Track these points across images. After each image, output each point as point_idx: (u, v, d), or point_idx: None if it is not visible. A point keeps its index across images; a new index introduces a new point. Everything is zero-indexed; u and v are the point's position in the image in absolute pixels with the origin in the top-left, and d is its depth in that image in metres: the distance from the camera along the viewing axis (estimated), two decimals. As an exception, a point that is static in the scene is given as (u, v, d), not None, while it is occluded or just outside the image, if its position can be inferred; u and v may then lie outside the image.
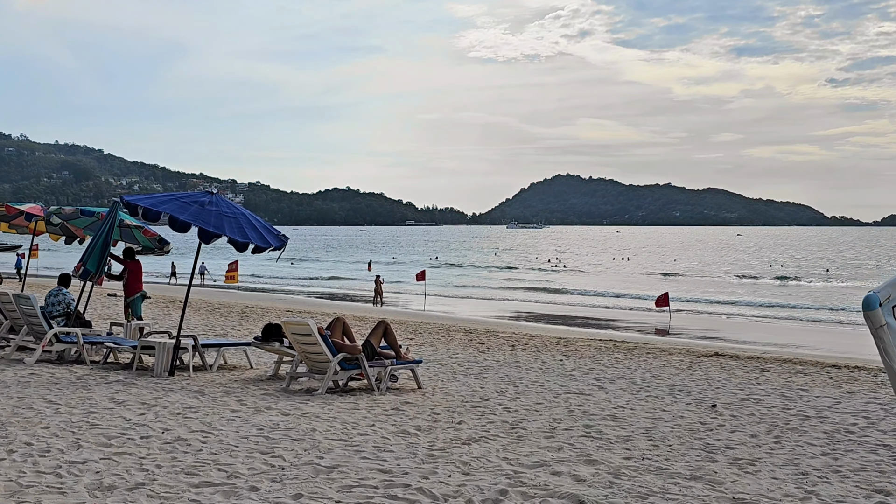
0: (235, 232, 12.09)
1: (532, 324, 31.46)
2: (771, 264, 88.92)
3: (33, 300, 13.53)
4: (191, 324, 23.01)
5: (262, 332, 13.27)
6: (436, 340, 21.18)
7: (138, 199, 12.36)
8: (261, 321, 25.25)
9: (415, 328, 25.36)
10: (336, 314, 29.79)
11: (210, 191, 12.81)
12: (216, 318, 25.97)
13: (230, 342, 14.54)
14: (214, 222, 12.06)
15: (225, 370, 14.00)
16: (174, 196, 12.65)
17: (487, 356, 17.53)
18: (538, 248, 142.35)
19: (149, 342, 13.13)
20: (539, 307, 41.78)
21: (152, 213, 11.99)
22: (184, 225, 11.82)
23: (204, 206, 12.31)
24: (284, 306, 34.70)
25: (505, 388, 12.72)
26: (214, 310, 29.39)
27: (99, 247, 14.19)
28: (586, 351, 19.24)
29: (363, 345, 12.29)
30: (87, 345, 13.77)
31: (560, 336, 23.85)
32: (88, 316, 19.10)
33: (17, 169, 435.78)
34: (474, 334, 23.44)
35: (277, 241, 12.70)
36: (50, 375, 12.00)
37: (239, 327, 22.54)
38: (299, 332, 11.82)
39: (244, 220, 12.53)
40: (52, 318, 15.01)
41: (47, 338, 13.34)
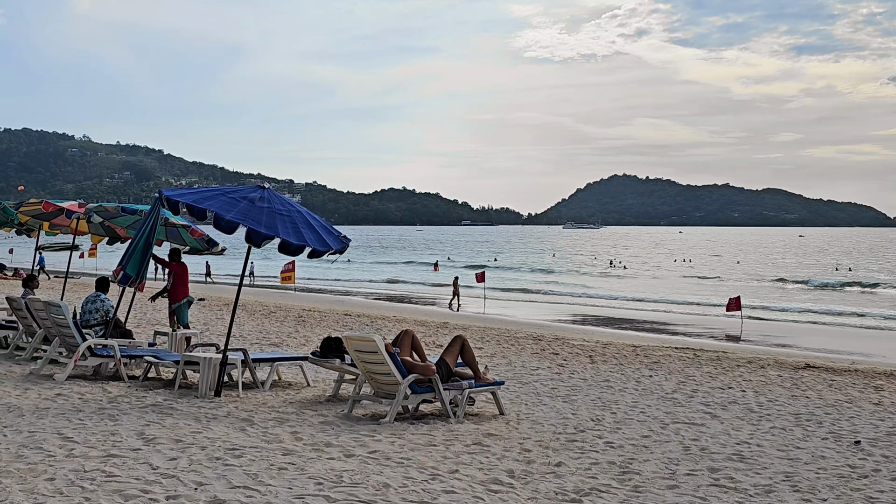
0: (290, 233, 10.43)
1: (599, 329, 29.97)
2: (837, 267, 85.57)
3: (64, 308, 12.02)
4: (245, 330, 21.52)
5: (321, 345, 11.63)
6: (506, 350, 19.46)
7: (180, 194, 10.75)
8: (318, 327, 23.71)
9: (480, 334, 23.70)
10: (394, 319, 28.43)
11: (262, 185, 11.17)
12: (271, 323, 24.47)
13: (284, 356, 12.92)
14: (266, 221, 10.42)
15: (278, 387, 12.40)
16: (220, 190, 11.02)
17: (567, 369, 15.84)
18: (597, 249, 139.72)
19: (192, 357, 11.55)
20: (601, 310, 40.19)
21: (196, 210, 10.37)
22: (230, 225, 10.19)
23: (254, 202, 10.68)
24: (342, 309, 33.24)
25: (601, 415, 10.91)
26: (270, 314, 27.95)
27: (140, 248, 12.63)
28: (671, 363, 17.50)
29: (437, 363, 10.57)
30: (125, 358, 12.24)
31: (634, 344, 22.31)
32: (131, 322, 17.64)
33: (80, 169, 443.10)
34: (544, 342, 21.85)
35: (338, 242, 11.02)
36: (78, 398, 10.44)
37: (295, 334, 20.99)
38: (364, 348, 10.14)
39: (300, 218, 10.87)
40: (89, 327, 13.54)
41: (80, 351, 11.83)
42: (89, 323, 13.64)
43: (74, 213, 16.30)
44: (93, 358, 12.04)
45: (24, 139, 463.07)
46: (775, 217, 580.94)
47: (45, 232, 18.94)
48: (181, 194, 10.75)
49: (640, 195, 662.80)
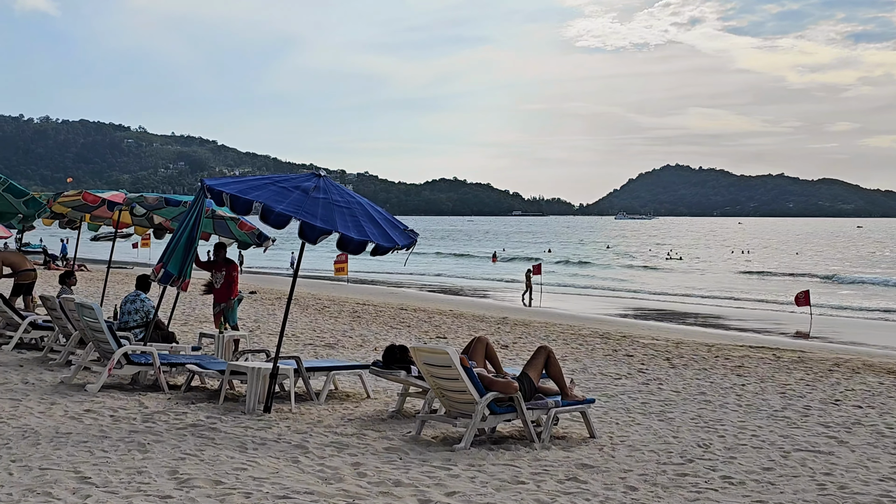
0: (350, 227, 9.06)
1: (663, 324, 28.58)
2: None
3: (97, 311, 10.77)
4: (297, 328, 20.27)
5: (384, 355, 10.28)
6: (576, 351, 18.05)
7: (224, 184, 9.41)
8: (374, 323, 22.42)
9: (544, 331, 22.33)
10: (451, 313, 27.07)
11: (317, 172, 9.81)
12: (325, 319, 23.22)
13: (342, 364, 11.58)
14: (322, 214, 9.06)
15: (335, 399, 11.08)
16: (269, 179, 9.66)
17: (649, 376, 14.48)
18: (651, 240, 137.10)
19: (239, 367, 10.25)
20: (661, 304, 38.85)
21: (241, 202, 9.03)
22: (280, 219, 8.84)
23: (308, 192, 9.32)
24: (397, 302, 31.98)
25: (708, 440, 9.39)
26: (324, 308, 26.72)
27: (182, 243, 11.35)
28: (757, 368, 16.20)
29: (518, 378, 9.15)
30: (165, 367, 10.98)
31: (706, 342, 20.95)
32: (175, 320, 16.46)
33: (135, 160, 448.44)
34: (612, 341, 20.55)
35: (404, 237, 9.63)
36: (110, 415, 9.17)
37: (350, 332, 19.68)
38: (435, 362, 8.75)
39: (360, 210, 9.49)
40: (127, 330, 12.33)
41: (115, 359, 10.59)
42: (128, 325, 12.44)
43: (116, 204, 15.13)
44: (129, 366, 10.80)
45: (81, 130, 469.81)
46: (831, 208, 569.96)
47: (88, 224, 17.84)
48: (225, 183, 9.42)
49: (693, 185, 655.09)
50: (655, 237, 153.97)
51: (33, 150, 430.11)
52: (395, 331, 20.86)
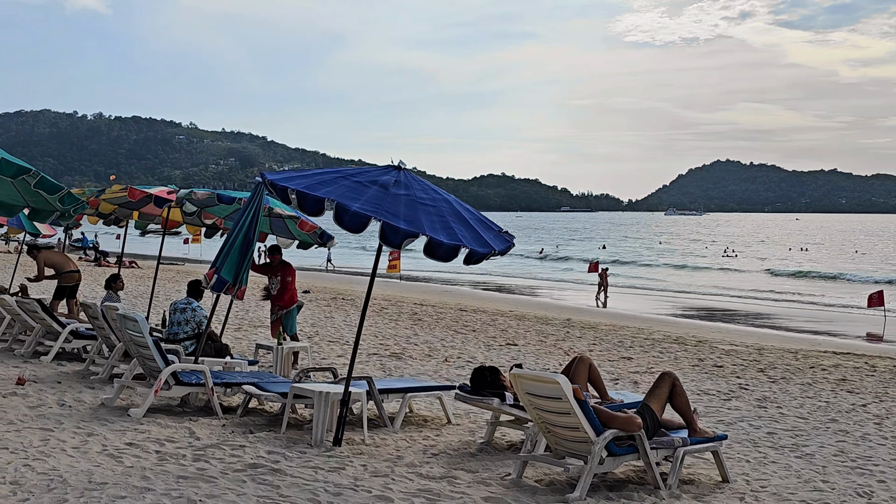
0: (438, 229, 7.60)
1: (731, 326, 26.98)
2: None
3: (142, 324, 9.40)
4: (355, 330, 18.91)
5: (472, 378, 8.82)
6: (658, 360, 16.69)
7: (287, 178, 7.97)
8: (437, 327, 20.99)
9: (613, 335, 21.00)
10: (513, 315, 25.56)
11: (397, 164, 8.35)
12: (385, 322, 21.82)
13: (419, 386, 10.11)
14: (406, 214, 7.60)
15: (411, 426, 9.65)
16: (340, 173, 8.18)
17: (753, 394, 12.98)
18: (705, 237, 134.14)
19: (304, 391, 8.83)
20: (723, 302, 37.14)
21: (310, 200, 7.58)
22: (357, 219, 7.38)
23: (388, 188, 7.87)
24: (453, 301, 30.58)
25: (866, 486, 7.80)
26: (382, 310, 25.33)
27: (238, 246, 10.01)
28: (861, 380, 14.79)
29: (639, 411, 7.63)
30: (219, 387, 9.60)
31: (789, 348, 19.57)
32: (228, 328, 15.15)
33: (186, 156, 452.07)
34: (689, 346, 19.20)
35: (500, 241, 8.14)
36: (155, 450, 7.77)
37: (415, 338, 18.25)
38: (541, 392, 7.26)
39: (449, 210, 8.02)
40: (177, 342, 10.99)
41: (162, 379, 9.22)
42: (177, 337, 11.10)
43: (164, 200, 13.81)
44: (179, 387, 9.43)
45: (133, 127, 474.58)
46: (885, 204, 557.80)
47: (135, 222, 16.60)
48: (289, 178, 7.98)
49: (743, 181, 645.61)
50: (709, 234, 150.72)
51: (87, 147, 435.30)
52: (461, 336, 19.43)
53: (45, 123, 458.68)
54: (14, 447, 7.48)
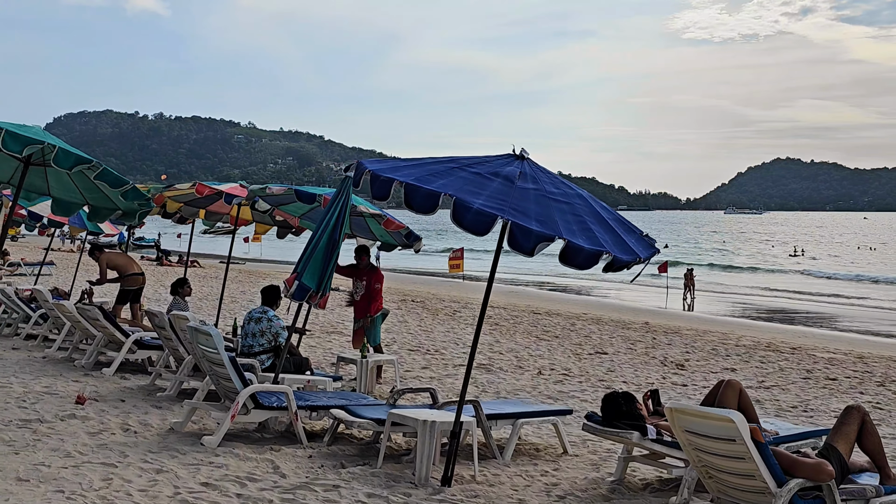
0: (576, 232, 6.24)
1: (814, 330, 25.60)
2: None
3: (216, 338, 8.17)
4: (436, 338, 17.65)
5: (605, 406, 7.46)
6: (762, 372, 15.49)
7: (393, 168, 6.65)
8: (516, 332, 19.69)
9: (703, 342, 19.55)
10: (590, 318, 24.13)
11: (518, 152, 6.99)
12: (461, 327, 20.57)
13: (531, 410, 8.76)
14: (538, 213, 6.26)
15: (523, 456, 8.35)
16: (455, 162, 6.81)
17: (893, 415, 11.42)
18: (768, 235, 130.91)
19: (405, 419, 7.55)
20: (796, 303, 35.90)
21: (423, 195, 6.25)
22: (481, 219, 6.05)
23: (513, 181, 6.53)
24: (522, 303, 29.29)
25: None
26: (455, 313, 24.09)
27: (322, 249, 8.75)
28: None
29: (825, 452, 6.22)
30: (303, 410, 8.36)
31: (889, 355, 18.25)
32: (306, 345, 13.96)
33: (245, 155, 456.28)
34: (786, 355, 17.84)
35: (645, 247, 6.76)
36: (236, 492, 6.52)
37: (498, 346, 16.92)
38: (706, 431, 5.89)
39: (585, 208, 6.67)
40: (251, 355, 9.80)
41: (239, 402, 8.00)
42: (252, 350, 9.90)
43: (235, 197, 12.66)
44: (258, 411, 8.20)
45: (193, 127, 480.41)
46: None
47: (202, 221, 15.50)
48: (393, 167, 6.67)
49: (804, 179, 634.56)
50: (773, 233, 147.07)
51: (148, 147, 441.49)
52: (545, 343, 18.09)
53: (107, 123, 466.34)
54: (71, 489, 6.29)
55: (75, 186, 8.79)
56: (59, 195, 9.07)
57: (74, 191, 8.90)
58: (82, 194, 8.98)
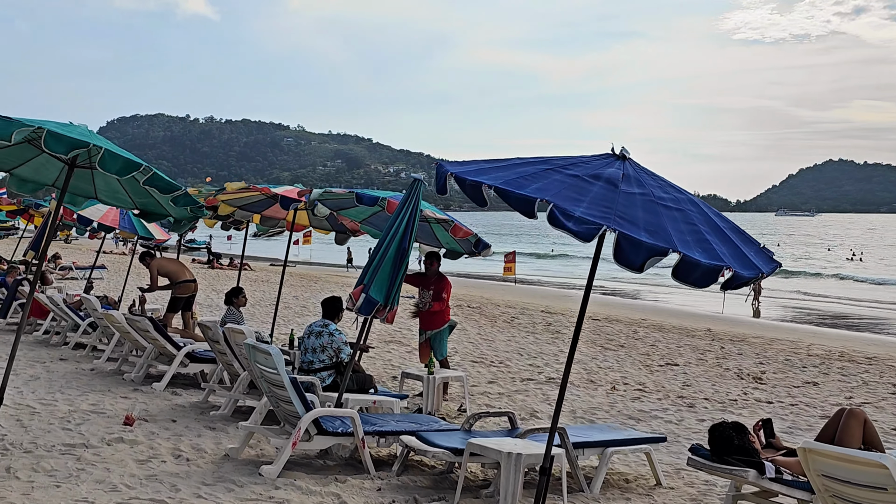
0: (692, 245, 5.39)
1: (886, 338, 24.62)
2: None
3: (276, 357, 7.43)
4: (497, 348, 16.84)
5: (712, 437, 6.61)
6: (847, 387, 14.16)
7: (478, 171, 5.82)
8: (584, 343, 18.75)
9: (774, 351, 18.63)
10: (651, 325, 23.17)
11: (618, 152, 6.16)
12: (522, 335, 19.75)
13: (622, 438, 7.91)
14: (647, 222, 5.43)
15: (613, 489, 7.55)
16: (548, 163, 5.89)
17: None
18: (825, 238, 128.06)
19: (486, 450, 6.76)
20: (857, 309, 34.74)
21: (517, 200, 5.39)
22: (584, 227, 5.23)
23: (616, 185, 5.70)
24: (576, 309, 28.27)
25: None
26: (513, 319, 23.27)
27: (390, 259, 8.01)
28: None
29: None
30: (370, 437, 7.61)
31: None
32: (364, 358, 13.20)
33: (294, 158, 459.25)
34: (861, 364, 16.98)
35: (766, 261, 5.87)
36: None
37: (564, 357, 16.03)
38: (851, 477, 5.04)
39: (699, 216, 5.80)
40: (311, 372, 9.07)
41: (302, 428, 7.25)
42: (312, 366, 9.17)
43: (292, 201, 11.98)
44: (321, 437, 7.46)
45: (243, 130, 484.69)
46: None
47: (257, 226, 14.85)
48: (479, 170, 5.87)
49: (858, 181, 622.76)
50: (829, 235, 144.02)
51: (199, 149, 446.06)
52: (612, 353, 17.21)
53: (159, 127, 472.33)
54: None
55: (123, 190, 8.13)
56: (107, 199, 8.41)
57: (123, 195, 8.24)
58: (131, 199, 8.31)
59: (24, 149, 7.67)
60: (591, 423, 9.97)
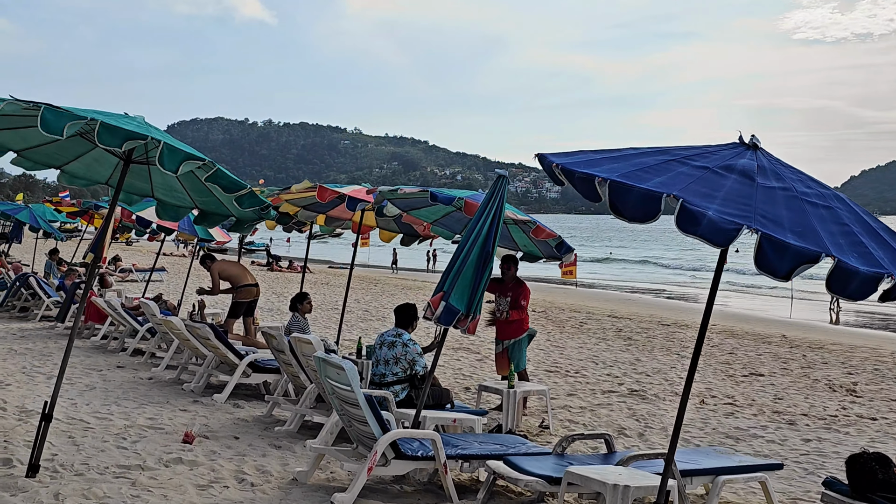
0: (845, 249, 4.55)
1: None
2: None
3: (350, 373, 6.67)
4: (571, 356, 15.98)
5: (851, 470, 5.74)
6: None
7: (588, 162, 5.03)
8: (653, 347, 17.98)
9: (857, 359, 17.62)
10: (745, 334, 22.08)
11: (749, 141, 5.33)
12: (594, 342, 18.92)
13: (735, 465, 7.05)
14: (793, 221, 4.59)
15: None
16: (669, 154, 5.09)
17: None
18: None
19: (583, 479, 5.96)
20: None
21: (638, 197, 4.58)
22: (719, 229, 4.42)
23: (752, 178, 4.87)
24: (646, 312, 27.49)
25: None
26: (582, 325, 22.38)
27: (472, 264, 7.24)
28: None
29: None
30: (453, 461, 6.85)
31: None
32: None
33: (351, 160, 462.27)
34: None
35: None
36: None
37: (641, 366, 15.18)
38: None
39: (849, 214, 4.96)
40: (384, 386, 8.34)
41: (378, 452, 6.51)
42: (384, 380, 8.43)
43: (360, 202, 11.28)
44: (399, 461, 6.71)
45: (301, 133, 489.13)
46: None
47: (320, 227, 14.19)
48: (588, 161, 5.06)
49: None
50: None
51: (257, 152, 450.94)
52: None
53: (218, 130, 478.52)
54: (175, 575, 4.90)
55: (183, 188, 7.45)
56: (165, 197, 7.72)
57: (181, 193, 7.55)
58: (191, 197, 7.62)
59: (76, 143, 7.06)
60: (696, 447, 9.06)
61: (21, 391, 9.83)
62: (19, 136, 6.94)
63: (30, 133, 6.85)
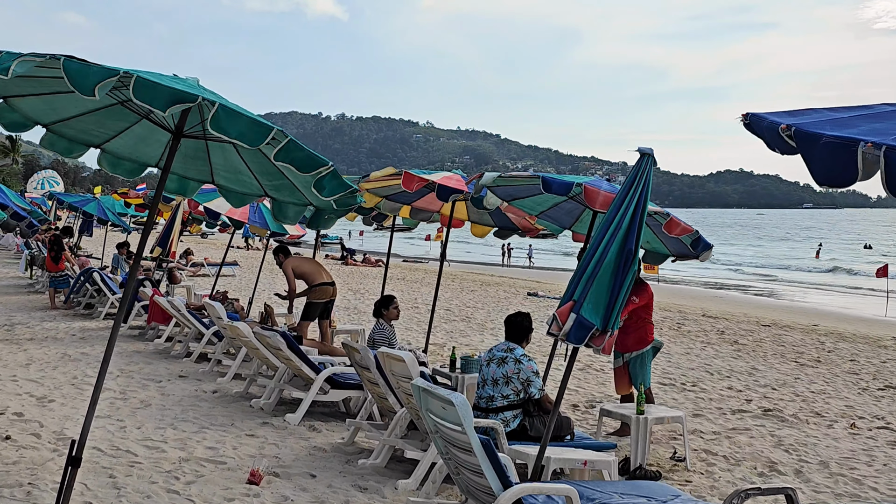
0: None
1: None
2: None
3: (461, 409, 5.04)
4: (680, 365, 14.28)
5: None
6: None
7: (829, 121, 3.50)
8: (766, 354, 16.24)
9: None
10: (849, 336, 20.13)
11: None
12: (697, 345, 17.19)
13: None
14: None
15: None
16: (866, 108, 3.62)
17: None
18: None
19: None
20: None
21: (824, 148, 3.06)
22: None
23: None
24: (738, 311, 25.68)
25: None
26: (679, 326, 20.63)
27: (608, 267, 5.63)
28: None
29: None
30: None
31: None
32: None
33: (423, 154, 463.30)
34: None
35: None
36: None
37: (761, 376, 13.42)
38: None
39: None
40: (491, 411, 6.81)
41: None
42: (492, 403, 6.89)
43: (453, 191, 9.76)
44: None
45: (373, 126, 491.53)
46: None
47: (404, 220, 12.72)
48: (829, 122, 3.48)
49: None
50: None
51: (331, 146, 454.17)
52: (812, 370, 14.55)
53: (292, 125, 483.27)
54: None
55: (248, 170, 5.95)
56: (226, 183, 6.23)
57: (247, 176, 6.04)
58: (258, 181, 6.11)
59: (116, 112, 5.63)
60: (883, 499, 7.28)
61: (64, 410, 8.50)
62: (47, 106, 5.54)
63: (59, 101, 5.46)
